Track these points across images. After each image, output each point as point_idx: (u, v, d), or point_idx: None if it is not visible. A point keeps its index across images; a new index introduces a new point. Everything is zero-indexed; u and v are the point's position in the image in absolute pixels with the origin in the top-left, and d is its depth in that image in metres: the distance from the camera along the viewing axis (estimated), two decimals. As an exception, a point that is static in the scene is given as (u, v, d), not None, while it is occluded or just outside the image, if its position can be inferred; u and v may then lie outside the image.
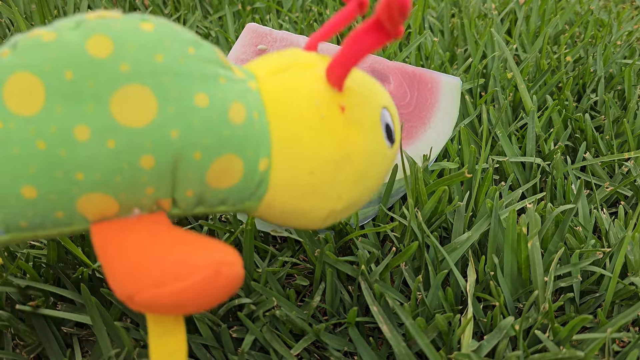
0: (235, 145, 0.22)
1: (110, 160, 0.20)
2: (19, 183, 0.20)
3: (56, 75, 0.19)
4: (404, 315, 0.30)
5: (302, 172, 0.23)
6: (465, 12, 0.69)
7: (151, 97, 0.20)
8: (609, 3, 0.84)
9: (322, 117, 0.23)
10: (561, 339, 0.30)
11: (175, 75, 0.20)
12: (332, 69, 0.22)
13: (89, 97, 0.19)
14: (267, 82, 0.23)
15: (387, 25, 0.20)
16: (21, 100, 0.19)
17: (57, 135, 0.19)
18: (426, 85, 0.42)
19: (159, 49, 0.20)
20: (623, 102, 0.55)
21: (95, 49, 0.19)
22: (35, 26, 0.58)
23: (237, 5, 0.69)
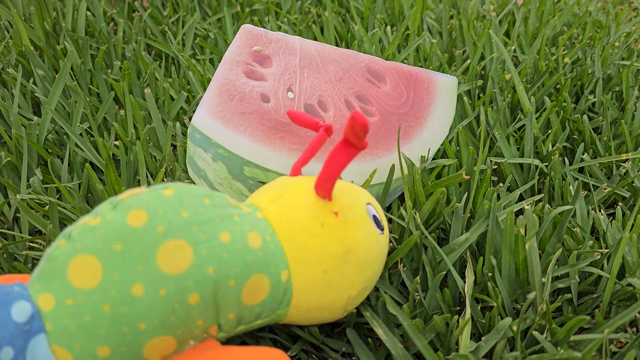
0: (259, 266, 0.26)
1: (165, 305, 0.24)
2: (94, 345, 0.23)
3: (108, 250, 0.23)
4: (402, 316, 0.30)
5: (317, 272, 0.28)
6: (463, 13, 0.69)
7: (186, 246, 0.24)
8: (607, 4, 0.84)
9: (322, 224, 0.28)
10: (559, 339, 0.30)
11: (200, 224, 0.25)
12: (320, 184, 0.28)
13: (138, 259, 0.24)
14: (270, 210, 0.28)
15: (354, 142, 0.26)
16: (84, 277, 0.23)
17: (117, 298, 0.23)
18: (422, 84, 0.42)
19: (183, 207, 0.25)
20: (621, 103, 0.55)
21: (134, 221, 0.24)
22: (34, 29, 0.58)
23: (235, 7, 0.69)
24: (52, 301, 0.23)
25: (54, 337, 0.23)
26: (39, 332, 0.23)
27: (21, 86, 0.51)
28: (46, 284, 0.24)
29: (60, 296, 0.23)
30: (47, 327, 0.23)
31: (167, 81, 0.53)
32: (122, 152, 0.42)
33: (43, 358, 0.23)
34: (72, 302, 0.23)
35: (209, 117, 0.35)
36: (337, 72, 0.40)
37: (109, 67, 0.58)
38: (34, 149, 0.44)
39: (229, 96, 0.36)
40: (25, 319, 0.23)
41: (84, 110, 0.48)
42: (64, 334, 0.23)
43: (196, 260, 0.24)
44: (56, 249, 0.24)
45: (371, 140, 0.38)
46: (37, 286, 0.24)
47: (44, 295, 0.23)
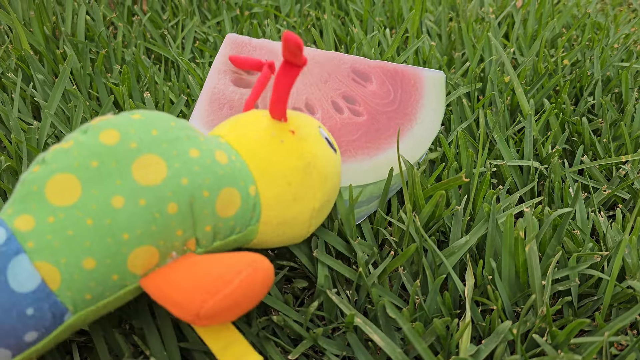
0: (229, 180, 0.28)
1: (145, 214, 0.25)
2: (80, 258, 0.24)
3: (84, 167, 0.25)
4: (402, 320, 0.30)
5: (282, 185, 0.30)
6: (462, 16, 0.69)
7: (159, 160, 0.26)
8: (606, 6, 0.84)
9: (282, 141, 0.30)
10: (559, 342, 0.30)
11: (170, 141, 0.27)
12: (273, 107, 0.30)
13: (114, 174, 0.25)
14: (230, 136, 0.30)
15: (293, 60, 0.27)
16: (63, 194, 0.24)
17: (99, 210, 0.24)
18: (409, 81, 0.42)
19: (152, 127, 0.26)
20: (620, 105, 0.55)
21: (107, 139, 0.25)
22: (34, 33, 0.58)
23: (235, 11, 0.69)
24: (32, 221, 0.24)
25: (38, 254, 0.24)
26: (17, 252, 0.23)
27: (21, 91, 0.51)
28: (22, 207, 0.24)
29: (39, 215, 0.24)
30: (29, 245, 0.24)
31: (166, 85, 0.53)
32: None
33: (26, 276, 0.23)
34: (54, 219, 0.24)
35: (201, 127, 0.35)
36: (322, 74, 0.40)
37: (108, 71, 0.58)
38: (33, 154, 0.44)
39: (218, 105, 0.36)
40: (1, 242, 0.23)
41: (83, 114, 0.48)
42: (48, 250, 0.24)
43: (170, 172, 0.26)
44: (30, 173, 0.24)
45: (361, 140, 0.38)
46: (10, 210, 0.24)
47: (21, 217, 0.24)
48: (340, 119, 0.38)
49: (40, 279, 0.24)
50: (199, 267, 0.26)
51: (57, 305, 0.24)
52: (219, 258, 0.26)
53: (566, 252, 0.36)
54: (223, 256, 0.26)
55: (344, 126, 0.38)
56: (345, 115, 0.39)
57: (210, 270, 0.25)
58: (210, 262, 0.26)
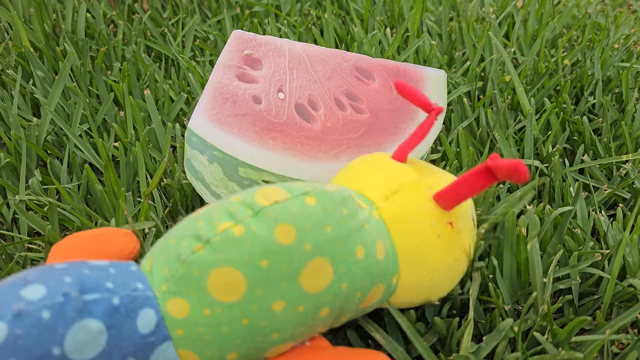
0: (380, 277, 0.26)
1: (299, 319, 0.24)
2: (225, 352, 0.23)
3: (253, 265, 0.23)
4: (402, 319, 0.30)
5: (424, 279, 0.28)
6: (463, 15, 0.69)
7: (328, 265, 0.24)
8: (607, 7, 0.84)
9: (439, 235, 0.28)
10: (560, 340, 0.30)
11: (342, 239, 0.25)
12: (445, 197, 0.27)
13: (283, 277, 0.23)
14: (385, 208, 0.28)
15: (498, 176, 0.25)
16: (225, 290, 0.22)
17: (258, 312, 0.23)
18: (411, 80, 0.42)
19: (327, 221, 0.24)
20: (621, 104, 0.55)
21: (283, 237, 0.23)
22: (34, 30, 0.58)
23: (235, 9, 0.69)
24: (187, 309, 0.22)
25: (185, 343, 0.23)
26: (163, 341, 0.22)
27: (21, 87, 0.51)
28: (179, 290, 0.22)
29: (196, 305, 0.22)
30: (178, 332, 0.22)
31: (166, 83, 0.53)
32: (122, 153, 0.42)
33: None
34: (210, 313, 0.22)
35: (204, 120, 0.35)
36: (325, 71, 0.40)
37: (108, 68, 0.58)
38: (33, 150, 0.44)
39: (222, 99, 0.36)
40: (150, 330, 0.22)
41: (83, 111, 0.48)
42: (197, 341, 0.23)
43: (335, 277, 0.24)
44: (192, 253, 0.22)
45: (363, 137, 0.38)
46: (164, 288, 0.23)
47: (176, 300, 0.22)
48: (343, 116, 0.38)
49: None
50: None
51: None
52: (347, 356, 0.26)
53: (567, 251, 0.36)
54: (351, 354, 0.26)
55: (346, 123, 0.38)
56: (347, 113, 0.39)
57: None
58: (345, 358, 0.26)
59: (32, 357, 0.19)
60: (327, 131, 0.37)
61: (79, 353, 0.20)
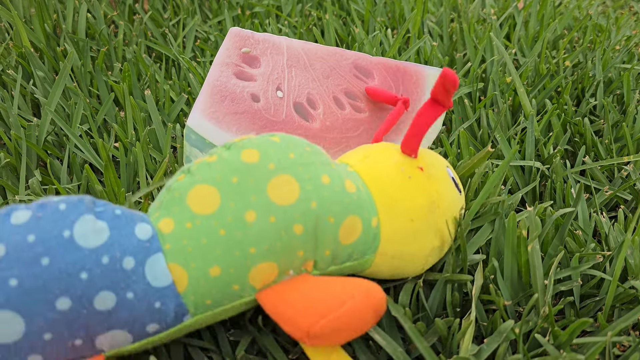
0: (354, 209, 0.28)
1: (273, 232, 0.26)
2: (207, 265, 0.25)
3: (225, 181, 0.26)
4: (403, 319, 0.29)
5: (404, 221, 0.30)
6: (464, 17, 0.69)
7: (293, 181, 0.27)
8: (608, 9, 0.84)
9: (409, 177, 0.30)
10: (561, 342, 0.29)
11: (305, 165, 0.28)
12: (407, 141, 0.30)
13: (251, 190, 0.26)
14: (359, 166, 0.31)
15: (441, 100, 0.28)
16: (203, 203, 0.26)
17: (233, 223, 0.26)
18: (411, 78, 0.42)
19: (289, 150, 0.28)
20: (622, 106, 0.55)
21: (248, 158, 0.27)
22: (35, 30, 0.58)
23: (236, 10, 0.69)
24: (172, 224, 0.26)
25: (172, 256, 0.25)
26: (157, 251, 0.25)
27: (21, 88, 0.51)
28: (166, 211, 0.26)
29: (179, 220, 0.26)
30: (166, 247, 0.25)
31: (167, 83, 0.53)
32: (122, 153, 0.42)
33: (160, 273, 0.25)
34: (191, 225, 0.26)
35: (203, 119, 0.35)
36: (324, 69, 0.40)
37: (109, 69, 0.58)
38: (33, 150, 0.44)
39: (220, 97, 0.36)
40: (146, 238, 0.25)
41: (83, 111, 0.48)
42: (182, 253, 0.25)
43: (302, 194, 0.27)
44: (175, 181, 0.27)
45: (362, 136, 0.38)
46: (157, 214, 0.26)
47: (164, 219, 0.26)
48: (342, 115, 0.38)
49: (171, 279, 0.25)
50: (314, 287, 0.27)
51: (180, 306, 0.26)
52: (335, 281, 0.27)
53: (568, 252, 0.36)
54: (339, 279, 0.27)
55: (345, 122, 0.38)
56: (347, 111, 0.38)
57: (324, 292, 0.27)
58: (325, 284, 0.27)
59: (46, 235, 0.23)
60: (326, 130, 0.37)
61: (85, 240, 0.24)
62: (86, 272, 0.23)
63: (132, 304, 0.24)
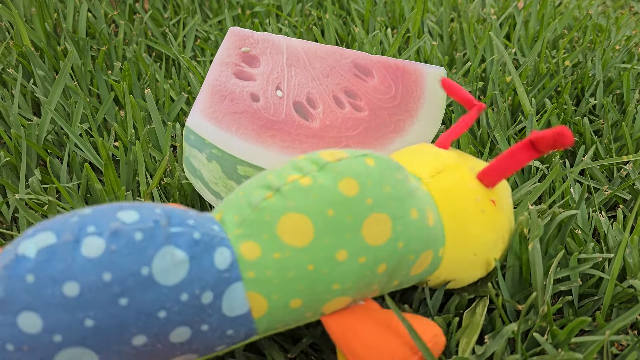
0: (431, 243, 0.28)
1: (360, 271, 0.25)
2: (289, 297, 0.24)
3: (321, 213, 0.24)
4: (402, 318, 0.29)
5: (468, 254, 0.29)
6: (464, 16, 0.69)
7: (387, 220, 0.26)
8: (608, 9, 0.84)
9: (482, 210, 0.29)
10: (560, 341, 0.29)
11: (399, 199, 0.26)
12: (489, 174, 0.30)
13: (347, 228, 0.25)
14: (432, 185, 0.29)
15: (541, 149, 0.27)
16: (295, 235, 0.24)
17: (323, 259, 0.24)
18: (410, 77, 0.42)
19: (385, 181, 0.26)
20: (622, 106, 0.55)
21: (346, 189, 0.25)
22: (35, 30, 0.58)
23: (236, 10, 0.69)
24: (258, 252, 0.24)
25: (254, 285, 0.24)
26: (236, 280, 0.24)
27: (21, 87, 0.51)
28: (251, 233, 0.24)
29: (267, 248, 0.24)
30: (248, 274, 0.24)
31: (167, 82, 0.53)
32: (122, 152, 0.42)
33: (237, 304, 0.24)
34: (280, 256, 0.24)
35: (202, 119, 0.35)
36: (323, 68, 0.40)
37: (109, 68, 0.58)
38: (33, 149, 0.44)
39: (220, 97, 0.36)
40: (226, 267, 0.23)
41: (84, 110, 0.48)
42: (265, 284, 0.24)
43: (392, 235, 0.26)
44: (264, 200, 0.24)
45: (362, 135, 0.38)
46: (237, 232, 0.24)
47: (248, 243, 0.24)
48: (342, 114, 0.38)
49: (248, 307, 0.24)
50: (387, 326, 0.27)
51: (251, 330, 0.25)
52: (411, 321, 0.27)
53: (568, 253, 0.36)
54: (414, 320, 0.27)
55: (345, 121, 0.38)
56: (346, 110, 0.38)
57: (397, 335, 0.27)
58: (397, 322, 0.27)
59: (124, 273, 0.21)
60: (325, 129, 0.37)
61: (165, 277, 0.22)
62: (165, 310, 0.22)
63: (206, 335, 0.24)
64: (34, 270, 0.20)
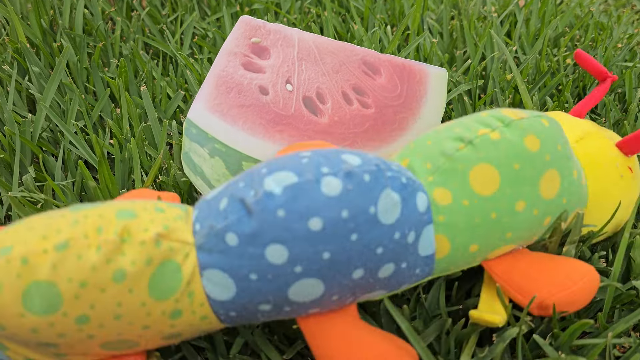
0: (582, 202, 0.30)
1: (532, 222, 0.28)
2: (470, 242, 0.27)
3: (508, 166, 0.27)
4: (400, 318, 0.29)
5: (604, 214, 0.32)
6: (464, 14, 0.69)
7: (557, 177, 0.28)
8: (610, 7, 0.84)
9: (622, 176, 0.32)
10: (561, 344, 0.29)
11: (566, 158, 0.29)
12: (628, 143, 0.33)
13: (527, 181, 0.27)
14: (577, 149, 0.32)
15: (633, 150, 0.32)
16: (483, 184, 0.26)
17: (504, 209, 0.27)
18: (415, 76, 0.41)
19: (558, 141, 0.28)
20: (624, 105, 0.54)
21: (531, 145, 0.27)
22: (31, 26, 0.58)
23: (235, 7, 0.68)
24: (449, 197, 0.26)
25: (442, 228, 0.26)
26: (429, 222, 0.26)
27: (16, 83, 0.51)
28: (444, 180, 0.26)
29: (457, 195, 0.26)
30: (439, 218, 0.26)
31: (164, 80, 0.52)
32: (117, 150, 0.41)
33: (428, 244, 0.26)
34: (468, 204, 0.26)
35: (206, 111, 0.34)
36: (334, 64, 0.39)
37: (106, 65, 0.57)
38: (27, 147, 0.43)
39: (226, 89, 0.35)
40: (424, 210, 0.26)
41: (79, 108, 0.47)
42: (452, 228, 0.26)
43: (560, 190, 0.28)
44: (457, 150, 0.27)
45: (368, 132, 0.37)
46: (430, 178, 0.27)
47: (441, 190, 0.26)
48: (350, 110, 0.37)
49: (434, 249, 0.26)
50: (546, 263, 0.29)
51: (430, 270, 0.27)
52: (565, 260, 0.29)
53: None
54: (567, 259, 0.29)
55: (352, 117, 0.37)
56: (354, 107, 0.38)
57: (558, 268, 0.28)
58: (557, 261, 0.29)
59: (357, 211, 0.23)
60: (334, 125, 0.36)
61: (385, 216, 0.24)
62: (382, 247, 0.24)
63: (403, 272, 0.26)
64: (284, 206, 0.23)
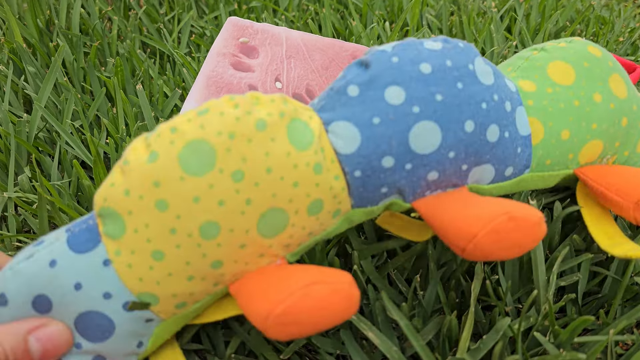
0: None
1: (612, 116, 0.31)
2: (561, 127, 0.30)
3: (579, 63, 0.31)
4: (399, 316, 0.28)
5: None
6: (464, 9, 0.68)
7: (623, 82, 0.32)
8: (611, 1, 0.83)
9: None
10: (562, 341, 0.28)
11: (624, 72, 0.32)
12: None
13: (598, 77, 0.31)
14: None
15: None
16: (561, 75, 0.30)
17: (584, 98, 0.30)
18: None
19: (610, 57, 0.32)
20: (625, 99, 0.54)
21: (594, 51, 0.32)
22: (27, 26, 0.58)
23: (232, 5, 0.68)
24: (533, 86, 0.30)
25: (533, 111, 0.29)
26: (521, 103, 0.29)
27: (12, 83, 0.51)
28: (525, 75, 0.30)
29: (540, 84, 0.30)
30: (528, 102, 0.29)
31: (161, 78, 0.52)
32: (112, 149, 0.41)
33: (523, 123, 0.29)
34: (552, 91, 0.30)
35: None
36: (323, 61, 0.39)
37: (102, 64, 0.57)
38: (23, 147, 0.43)
39: (216, 88, 0.35)
40: (514, 89, 0.29)
41: (75, 107, 0.47)
42: (542, 111, 0.29)
43: (629, 94, 0.32)
44: (532, 55, 0.31)
45: None
46: (513, 74, 0.31)
47: (524, 81, 0.30)
48: None
49: (529, 130, 0.29)
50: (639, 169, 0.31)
51: (529, 157, 0.29)
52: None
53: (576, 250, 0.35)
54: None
55: None
56: None
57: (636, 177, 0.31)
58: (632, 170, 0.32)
59: (459, 64, 0.26)
60: None
61: (482, 77, 0.27)
62: (485, 103, 0.26)
63: (506, 143, 0.27)
64: (397, 54, 0.25)
